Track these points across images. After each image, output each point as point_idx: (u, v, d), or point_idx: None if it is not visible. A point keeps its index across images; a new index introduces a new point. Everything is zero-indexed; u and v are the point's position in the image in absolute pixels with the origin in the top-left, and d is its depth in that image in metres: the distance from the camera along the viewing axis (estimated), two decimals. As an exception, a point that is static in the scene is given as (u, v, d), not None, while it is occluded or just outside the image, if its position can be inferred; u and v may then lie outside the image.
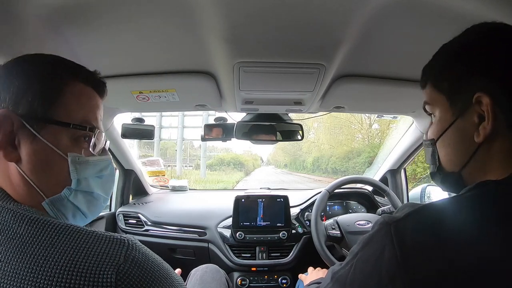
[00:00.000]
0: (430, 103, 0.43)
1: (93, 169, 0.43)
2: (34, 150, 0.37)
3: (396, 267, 0.32)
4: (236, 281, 1.24)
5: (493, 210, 0.32)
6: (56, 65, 0.41)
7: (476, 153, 0.37)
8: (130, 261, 0.34)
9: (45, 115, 0.38)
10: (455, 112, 0.39)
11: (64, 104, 0.39)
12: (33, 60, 0.41)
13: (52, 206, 0.39)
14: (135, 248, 0.35)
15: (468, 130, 0.37)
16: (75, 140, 0.40)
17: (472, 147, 0.37)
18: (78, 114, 0.40)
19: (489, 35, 0.37)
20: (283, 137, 1.21)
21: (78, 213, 0.43)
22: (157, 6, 0.55)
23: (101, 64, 0.78)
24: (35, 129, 0.37)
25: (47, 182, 0.39)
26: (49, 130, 0.38)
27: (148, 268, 0.35)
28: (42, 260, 0.32)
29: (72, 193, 0.40)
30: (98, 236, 0.35)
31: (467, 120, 0.37)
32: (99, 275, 0.31)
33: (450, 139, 0.40)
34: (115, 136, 1.25)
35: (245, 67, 0.72)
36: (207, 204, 1.48)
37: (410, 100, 0.99)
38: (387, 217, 0.35)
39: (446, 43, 0.42)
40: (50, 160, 0.38)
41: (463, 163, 0.39)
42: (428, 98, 0.44)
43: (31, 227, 0.33)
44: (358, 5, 0.52)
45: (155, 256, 0.38)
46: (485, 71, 0.36)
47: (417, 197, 1.45)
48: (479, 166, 0.37)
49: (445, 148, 0.41)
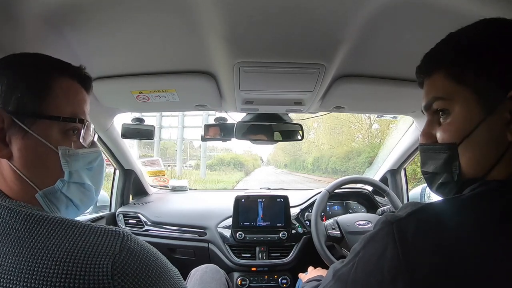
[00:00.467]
0: (446, 98, 0.37)
1: (83, 161, 0.44)
2: (26, 145, 0.38)
3: (398, 266, 0.32)
4: (236, 281, 1.24)
5: (495, 209, 0.32)
6: (43, 62, 0.42)
7: (507, 153, 0.34)
8: (125, 251, 0.34)
9: (35, 110, 0.39)
10: (485, 108, 0.34)
11: (52, 99, 0.40)
12: (21, 59, 0.42)
13: (46, 199, 0.40)
14: (130, 239, 0.36)
15: (499, 129, 0.34)
16: (64, 134, 0.41)
17: (502, 147, 0.34)
18: (66, 108, 0.41)
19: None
20: (283, 137, 1.21)
21: (70, 205, 0.44)
22: (157, 6, 0.55)
23: (101, 64, 0.78)
24: (26, 124, 0.38)
25: (40, 176, 0.40)
26: (39, 125, 0.39)
27: (144, 258, 0.35)
28: (38, 253, 0.32)
29: (65, 185, 0.42)
30: (94, 229, 0.35)
31: (499, 117, 0.33)
32: (95, 265, 0.32)
33: (480, 139, 0.35)
34: (115, 136, 1.24)
35: (245, 67, 0.72)
36: (207, 204, 1.48)
37: (410, 100, 0.99)
38: (389, 216, 0.35)
39: (456, 32, 0.38)
40: (41, 154, 0.39)
41: (491, 166, 0.35)
42: (441, 92, 0.37)
43: (27, 222, 0.34)
44: (358, 5, 0.52)
45: (151, 247, 0.38)
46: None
47: (417, 197, 1.44)
48: (505, 167, 0.34)
49: (472, 150, 0.36)
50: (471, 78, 0.35)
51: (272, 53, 0.68)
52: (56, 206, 0.41)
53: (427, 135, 0.41)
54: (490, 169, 0.35)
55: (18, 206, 0.36)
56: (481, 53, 0.34)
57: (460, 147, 0.36)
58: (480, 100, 0.34)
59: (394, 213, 0.36)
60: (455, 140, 0.36)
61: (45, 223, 0.34)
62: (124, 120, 1.21)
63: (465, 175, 0.37)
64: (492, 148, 0.34)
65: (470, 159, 0.36)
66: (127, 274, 0.33)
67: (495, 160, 0.34)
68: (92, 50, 0.70)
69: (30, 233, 0.33)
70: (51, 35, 0.60)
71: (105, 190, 1.54)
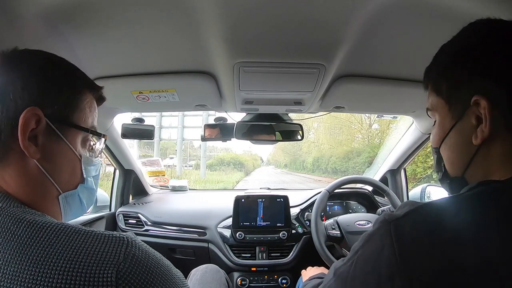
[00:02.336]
0: (431, 109, 0.43)
1: (94, 168, 0.48)
2: (57, 149, 0.41)
3: (395, 265, 0.32)
4: (236, 281, 1.24)
5: (493, 209, 0.32)
6: (79, 75, 0.46)
7: (476, 156, 0.37)
8: (130, 259, 0.34)
9: (69, 119, 0.42)
10: (455, 115, 0.38)
11: (81, 110, 0.43)
12: (61, 64, 0.44)
13: (65, 200, 0.43)
14: (134, 245, 0.35)
15: (467, 133, 0.37)
16: (83, 143, 0.45)
17: (471, 150, 0.37)
18: (88, 120, 0.45)
19: (485, 34, 0.37)
20: (283, 137, 1.21)
21: (79, 206, 0.47)
22: (157, 6, 0.55)
23: (101, 64, 0.78)
24: (60, 130, 0.40)
25: (65, 180, 0.43)
26: (70, 133, 0.42)
27: (148, 265, 0.35)
28: (41, 261, 0.32)
29: (83, 189, 0.46)
30: (97, 236, 0.35)
31: (466, 122, 0.37)
32: (99, 275, 0.31)
33: (451, 143, 0.40)
34: (115, 136, 1.25)
35: (245, 67, 0.72)
36: (207, 204, 1.48)
37: (410, 100, 0.99)
38: (387, 215, 0.36)
39: (445, 44, 0.41)
40: (69, 160, 0.43)
41: (464, 166, 0.39)
42: (429, 104, 0.43)
43: (30, 229, 0.34)
44: (358, 5, 0.52)
45: (155, 253, 0.38)
46: (483, 72, 0.35)
47: (417, 197, 1.45)
48: (480, 168, 0.37)
49: (448, 152, 0.41)
50: (444, 90, 0.40)
51: (272, 53, 0.68)
52: (70, 206, 0.44)
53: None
54: (465, 170, 0.39)
55: (22, 212, 0.35)
56: (451, 66, 0.39)
57: (441, 149, 0.42)
58: (451, 108, 0.39)
59: (392, 213, 0.36)
60: (436, 143, 0.43)
61: (48, 230, 0.34)
62: (124, 120, 1.21)
63: (450, 173, 0.42)
64: (462, 150, 0.39)
65: (447, 160, 0.42)
66: (132, 283, 0.32)
67: (467, 162, 0.38)
68: (92, 50, 0.70)
69: (33, 240, 0.33)
70: (52, 35, 0.60)
71: (105, 190, 1.54)
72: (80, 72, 0.46)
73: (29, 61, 0.40)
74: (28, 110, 0.37)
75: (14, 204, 0.37)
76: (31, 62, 0.40)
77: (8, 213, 0.35)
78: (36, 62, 0.41)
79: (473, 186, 0.36)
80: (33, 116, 0.37)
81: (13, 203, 0.37)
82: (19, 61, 0.40)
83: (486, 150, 0.36)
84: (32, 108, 0.37)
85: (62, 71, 0.43)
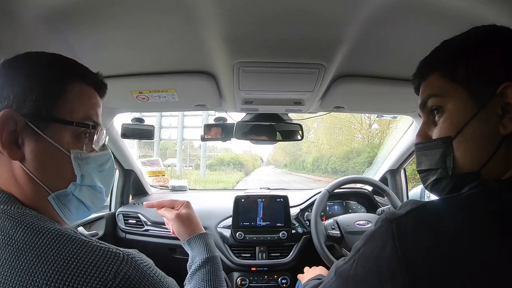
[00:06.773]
0: (440, 95, 0.38)
1: (94, 164, 0.44)
2: (38, 148, 0.38)
3: (397, 264, 0.32)
4: (236, 281, 1.24)
5: (493, 209, 0.32)
6: (61, 65, 0.42)
7: (500, 147, 0.35)
8: (120, 278, 0.32)
9: (49, 114, 0.38)
10: (477, 102, 0.35)
11: (66, 102, 0.40)
12: (37, 59, 0.41)
13: (58, 200, 0.40)
14: (130, 263, 0.33)
15: (492, 122, 0.35)
16: (76, 137, 0.41)
17: (496, 141, 0.35)
18: (79, 111, 0.41)
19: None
20: (283, 137, 1.21)
21: (81, 207, 0.44)
22: (157, 6, 0.55)
23: (101, 64, 0.78)
24: (39, 128, 0.38)
25: (52, 179, 0.40)
26: (52, 129, 0.38)
27: (139, 285, 0.33)
28: (32, 268, 0.31)
29: (77, 188, 0.42)
30: (92, 247, 0.33)
31: (491, 111, 0.35)
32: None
33: (473, 132, 0.36)
34: (115, 136, 1.24)
35: (245, 67, 0.72)
36: (207, 204, 1.48)
37: (410, 100, 0.99)
38: (389, 214, 0.36)
39: (449, 39, 0.40)
40: (54, 158, 0.39)
41: (485, 159, 0.36)
42: (436, 89, 0.39)
43: (26, 233, 0.33)
44: (358, 5, 0.52)
45: (155, 274, 0.36)
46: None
47: (417, 197, 1.45)
48: (502, 162, 0.35)
49: (466, 144, 0.37)
50: (463, 75, 0.36)
51: (271, 53, 0.68)
52: (68, 207, 0.41)
53: (422, 135, 0.42)
54: (485, 163, 0.36)
55: (21, 215, 0.35)
56: (472, 53, 0.36)
57: (455, 141, 0.37)
58: (472, 95, 0.36)
59: (394, 211, 0.36)
60: (450, 134, 0.38)
61: (44, 235, 0.33)
62: (124, 120, 1.21)
63: (460, 169, 0.38)
64: (486, 142, 0.35)
65: (465, 152, 0.37)
66: None
67: (490, 154, 0.35)
68: (92, 50, 0.70)
69: (28, 245, 0.32)
70: (51, 35, 0.60)
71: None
72: (67, 63, 0.43)
73: (8, 64, 0.39)
74: (2, 114, 0.36)
75: (15, 206, 0.36)
76: (10, 64, 0.39)
77: (8, 215, 0.34)
78: (17, 63, 0.39)
79: (473, 185, 0.35)
80: (9, 119, 0.36)
81: (14, 205, 0.36)
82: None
83: (509, 141, 0.34)
84: (5, 111, 0.36)
85: (45, 67, 0.40)
